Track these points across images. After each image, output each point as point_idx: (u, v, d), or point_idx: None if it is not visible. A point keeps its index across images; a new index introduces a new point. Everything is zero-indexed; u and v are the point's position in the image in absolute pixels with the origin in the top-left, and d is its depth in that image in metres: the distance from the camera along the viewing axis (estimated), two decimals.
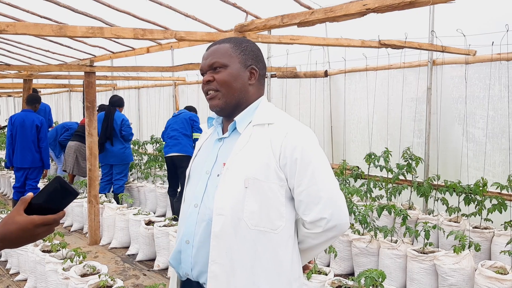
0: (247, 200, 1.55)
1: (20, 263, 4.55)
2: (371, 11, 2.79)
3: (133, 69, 6.24)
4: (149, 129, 9.47)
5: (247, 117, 1.67)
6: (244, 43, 1.69)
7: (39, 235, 1.22)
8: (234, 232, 1.55)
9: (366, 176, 5.38)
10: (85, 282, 3.44)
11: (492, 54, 4.71)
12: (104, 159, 6.71)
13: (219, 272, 1.55)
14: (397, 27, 4.74)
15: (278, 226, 1.57)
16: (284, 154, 1.56)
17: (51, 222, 1.22)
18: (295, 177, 1.57)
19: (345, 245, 4.49)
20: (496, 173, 4.87)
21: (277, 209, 1.57)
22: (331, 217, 1.58)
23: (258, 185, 1.55)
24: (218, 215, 1.56)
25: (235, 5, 4.77)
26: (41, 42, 7.06)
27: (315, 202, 1.57)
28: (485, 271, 3.48)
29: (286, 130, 1.59)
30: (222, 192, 1.58)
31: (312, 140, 1.62)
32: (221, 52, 1.66)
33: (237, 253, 1.55)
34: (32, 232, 1.20)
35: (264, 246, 1.56)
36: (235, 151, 1.61)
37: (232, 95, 1.65)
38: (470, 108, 5.03)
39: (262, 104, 1.71)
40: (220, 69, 1.64)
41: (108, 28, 3.09)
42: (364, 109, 6.01)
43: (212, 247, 1.56)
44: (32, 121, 6.30)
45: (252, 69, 1.68)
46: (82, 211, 6.14)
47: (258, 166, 1.56)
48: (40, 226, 1.20)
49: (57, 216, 1.22)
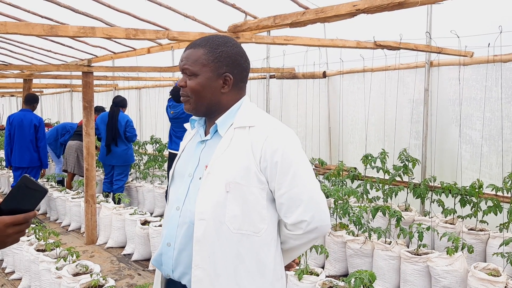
0: (228, 204, 1.54)
1: (15, 262, 4.57)
2: (361, 12, 2.79)
3: (131, 69, 6.26)
4: (149, 130, 9.50)
5: (228, 120, 1.65)
6: (220, 47, 1.62)
7: (10, 236, 1.22)
8: (217, 236, 1.55)
9: (363, 177, 5.37)
10: (77, 281, 3.45)
11: (488, 55, 4.69)
12: (107, 160, 6.75)
13: (203, 276, 1.55)
14: (394, 28, 4.73)
15: (261, 229, 1.57)
16: (265, 157, 1.55)
17: (21, 221, 1.22)
18: (275, 180, 1.56)
19: (339, 246, 4.48)
20: (492, 174, 4.85)
21: (259, 212, 1.57)
22: (312, 219, 1.57)
23: (240, 189, 1.55)
24: (200, 220, 1.56)
25: (234, 6, 4.78)
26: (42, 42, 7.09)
27: (296, 204, 1.57)
28: (477, 273, 3.46)
29: (267, 133, 1.58)
30: (203, 196, 1.57)
31: (292, 143, 1.61)
32: (194, 59, 1.61)
33: (220, 257, 1.55)
34: (2, 233, 1.20)
35: (247, 249, 1.56)
36: (216, 155, 1.60)
37: (202, 103, 1.64)
38: (467, 110, 5.01)
39: (244, 105, 1.69)
40: (191, 77, 1.62)
41: (100, 28, 3.10)
42: (361, 110, 6.00)
43: (195, 252, 1.56)
44: (31, 121, 6.36)
45: (226, 77, 1.63)
46: (79, 211, 6.16)
47: (239, 170, 1.55)
48: (10, 226, 1.20)
49: (26, 215, 1.22)
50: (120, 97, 6.98)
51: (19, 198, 1.21)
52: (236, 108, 1.68)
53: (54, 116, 13.96)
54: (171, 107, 6.03)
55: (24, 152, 6.30)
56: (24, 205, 1.22)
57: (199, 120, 1.77)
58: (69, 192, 6.70)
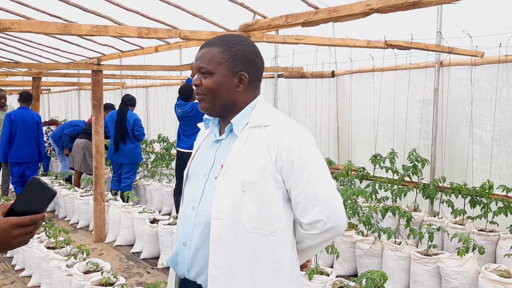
0: (245, 204, 1.55)
1: (25, 259, 4.60)
2: (375, 11, 2.78)
3: (140, 67, 6.27)
4: (157, 128, 9.51)
5: (244, 119, 1.66)
6: (236, 45, 1.63)
7: (15, 238, 1.20)
8: (233, 235, 1.55)
9: (371, 177, 5.36)
10: (87, 279, 3.47)
11: (499, 55, 4.67)
12: (115, 158, 6.77)
13: (219, 276, 1.56)
14: (404, 28, 4.71)
15: (277, 229, 1.58)
16: (281, 156, 1.56)
17: (28, 223, 1.20)
18: (292, 179, 1.56)
19: (348, 246, 4.48)
20: (502, 175, 4.83)
21: (275, 212, 1.57)
22: (328, 218, 1.57)
23: (256, 188, 1.55)
24: (216, 219, 1.56)
25: (243, 5, 4.78)
26: (51, 40, 7.12)
27: (312, 204, 1.57)
28: (488, 274, 3.45)
29: (283, 132, 1.58)
30: (219, 195, 1.57)
31: (308, 142, 1.61)
32: (209, 57, 1.61)
33: (237, 257, 1.55)
34: (8, 234, 1.18)
35: (263, 248, 1.56)
36: (232, 154, 1.60)
37: (218, 101, 1.64)
38: (477, 110, 4.99)
39: (259, 104, 1.69)
40: (207, 75, 1.62)
41: (113, 27, 3.11)
42: (370, 110, 5.98)
43: (211, 252, 1.56)
44: (33, 118, 6.63)
45: (242, 76, 1.63)
46: (88, 209, 6.18)
47: (255, 169, 1.56)
48: (16, 227, 1.19)
49: (33, 217, 1.20)
50: (129, 95, 7.00)
51: (29, 200, 1.21)
52: (251, 107, 1.68)
53: (61, 114, 14.00)
54: (179, 105, 6.03)
55: (28, 148, 6.52)
56: (33, 206, 1.21)
57: (213, 119, 1.77)
58: (77, 190, 6.73)
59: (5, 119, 6.49)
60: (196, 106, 5.92)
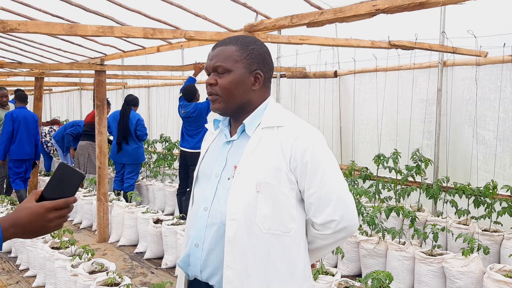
0: (259, 204, 1.55)
1: (30, 259, 4.60)
2: (381, 12, 2.79)
3: (143, 68, 6.27)
4: (159, 128, 9.51)
5: (256, 120, 1.66)
6: (251, 45, 1.64)
7: (51, 221, 1.23)
8: (248, 236, 1.55)
9: (374, 177, 5.36)
10: (93, 279, 3.47)
11: (503, 55, 4.67)
12: (118, 158, 6.78)
13: (234, 277, 1.56)
14: (408, 28, 4.72)
15: (291, 229, 1.58)
16: (295, 157, 1.56)
17: (62, 205, 1.24)
18: (305, 179, 1.57)
19: (352, 246, 4.48)
20: (506, 175, 4.83)
21: (289, 212, 1.58)
22: (341, 219, 1.58)
23: (270, 189, 1.55)
24: (231, 220, 1.56)
25: (245, 5, 4.79)
26: (53, 41, 7.14)
27: (325, 204, 1.58)
28: (494, 274, 3.45)
29: (296, 133, 1.59)
30: (234, 196, 1.57)
31: (321, 143, 1.62)
32: (226, 55, 1.61)
33: (251, 257, 1.56)
34: (43, 217, 1.22)
35: (277, 249, 1.57)
36: (245, 155, 1.60)
37: (234, 101, 1.63)
38: (481, 110, 4.99)
39: (270, 105, 1.70)
40: (224, 74, 1.61)
41: (118, 27, 3.11)
42: (373, 110, 5.98)
43: (226, 252, 1.56)
44: (33, 117, 6.78)
45: (257, 74, 1.64)
46: (91, 209, 6.19)
47: (269, 170, 1.56)
48: (51, 210, 1.22)
49: (67, 200, 1.24)
50: (132, 96, 7.02)
51: (59, 185, 1.24)
52: (262, 108, 1.68)
53: (63, 114, 14.00)
54: (182, 106, 6.04)
55: (29, 146, 6.66)
56: (64, 191, 1.24)
57: (223, 120, 1.77)
58: (80, 190, 6.73)
59: (7, 117, 6.53)
60: (199, 106, 5.92)
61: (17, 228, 1.21)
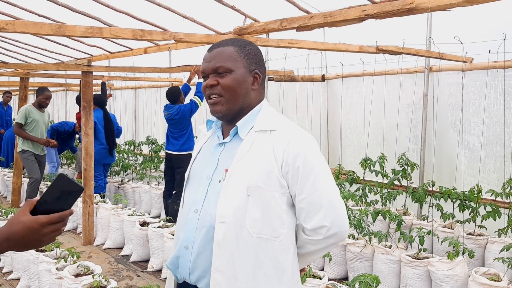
0: (249, 208, 1.54)
1: (13, 262, 4.53)
2: (370, 17, 2.81)
3: (130, 69, 6.23)
4: (145, 130, 9.46)
5: (249, 122, 1.65)
6: (247, 46, 1.66)
7: (45, 236, 1.19)
8: (236, 239, 1.54)
9: (361, 181, 5.39)
10: (78, 282, 3.43)
11: (488, 62, 4.74)
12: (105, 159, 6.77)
13: (222, 280, 1.55)
14: (395, 33, 4.76)
15: (280, 234, 1.57)
16: (287, 161, 1.56)
17: (57, 220, 1.20)
18: (297, 184, 1.57)
19: (339, 250, 4.49)
20: (490, 180, 4.90)
21: (279, 217, 1.57)
22: (331, 224, 1.58)
23: (261, 193, 1.55)
24: (221, 223, 1.55)
25: (234, 8, 4.78)
26: (38, 41, 7.04)
27: (316, 209, 1.57)
28: (478, 277, 3.49)
29: (289, 138, 1.58)
30: (224, 199, 1.56)
31: (314, 148, 1.62)
32: (226, 56, 1.61)
33: (239, 261, 1.55)
34: (38, 232, 1.18)
35: (266, 253, 1.56)
36: (237, 158, 1.59)
37: (236, 101, 1.63)
38: (466, 115, 5.06)
39: (264, 108, 1.70)
40: (225, 74, 1.61)
41: (107, 28, 3.09)
42: (360, 114, 6.02)
43: (214, 255, 1.55)
44: None
45: (256, 74, 1.66)
46: (76, 211, 6.11)
47: (261, 174, 1.55)
48: (46, 225, 1.18)
49: (62, 214, 1.20)
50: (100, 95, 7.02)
51: (55, 198, 1.19)
52: (256, 111, 1.69)
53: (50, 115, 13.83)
54: (166, 108, 6.01)
55: None
56: (61, 204, 1.20)
57: (216, 121, 1.77)
58: None
59: None
60: (182, 109, 5.86)
61: (10, 243, 1.18)
